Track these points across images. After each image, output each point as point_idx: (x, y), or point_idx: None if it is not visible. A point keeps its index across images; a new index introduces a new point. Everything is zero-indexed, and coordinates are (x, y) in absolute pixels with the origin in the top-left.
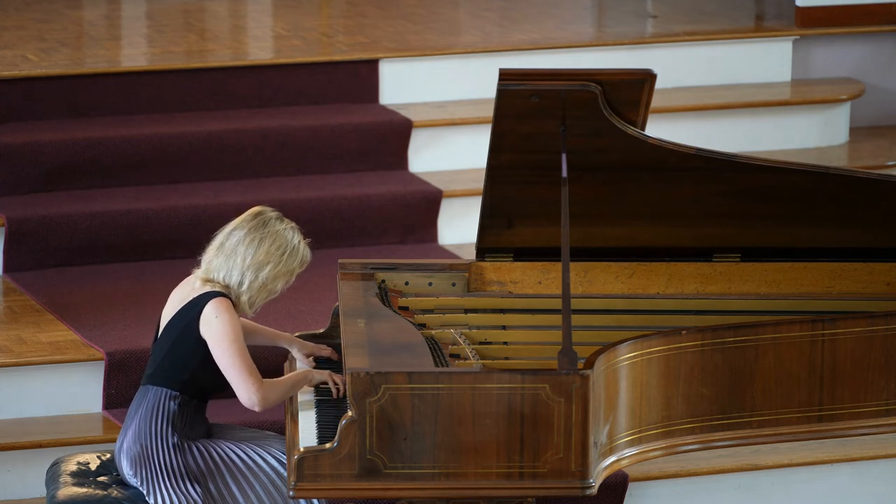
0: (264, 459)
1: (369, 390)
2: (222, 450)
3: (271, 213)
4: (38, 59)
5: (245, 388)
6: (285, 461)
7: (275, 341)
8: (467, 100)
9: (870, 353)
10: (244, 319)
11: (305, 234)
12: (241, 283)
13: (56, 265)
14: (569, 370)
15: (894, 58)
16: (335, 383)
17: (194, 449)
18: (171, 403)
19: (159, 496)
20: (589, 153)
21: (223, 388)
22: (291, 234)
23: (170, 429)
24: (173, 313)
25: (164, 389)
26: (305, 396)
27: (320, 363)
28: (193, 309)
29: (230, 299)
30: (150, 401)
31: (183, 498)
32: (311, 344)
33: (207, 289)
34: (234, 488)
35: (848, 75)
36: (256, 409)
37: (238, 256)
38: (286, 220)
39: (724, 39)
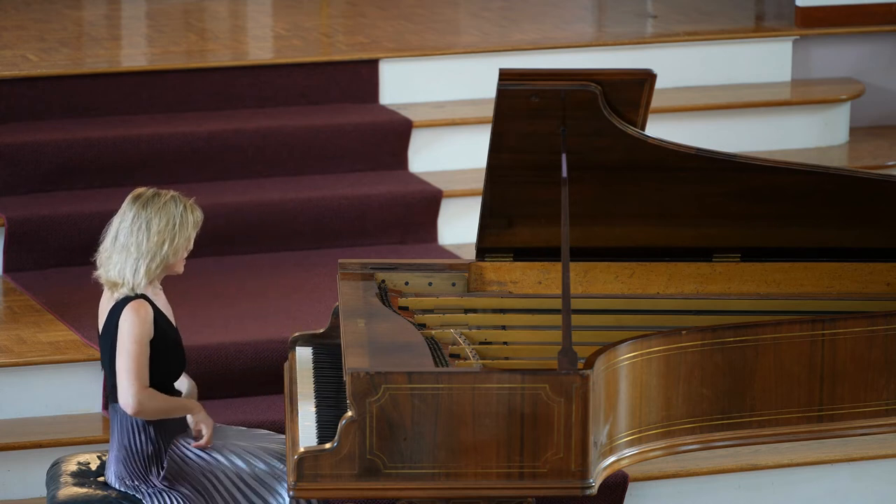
0: (253, 467)
1: (369, 390)
2: (209, 464)
3: (147, 193)
4: (38, 59)
5: (127, 389)
6: (276, 464)
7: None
8: (467, 100)
9: (870, 352)
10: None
11: (305, 234)
12: (148, 270)
13: (56, 265)
14: (569, 370)
15: (894, 58)
16: (207, 438)
17: (178, 460)
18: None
19: (157, 499)
20: (589, 153)
21: (179, 372)
22: (174, 205)
23: (148, 441)
24: (101, 330)
25: None
26: (305, 396)
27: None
28: (113, 321)
29: (144, 297)
30: (120, 419)
31: (180, 498)
32: (205, 420)
33: (119, 296)
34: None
35: (848, 75)
36: (129, 410)
37: (132, 247)
38: (163, 193)
39: (724, 39)
